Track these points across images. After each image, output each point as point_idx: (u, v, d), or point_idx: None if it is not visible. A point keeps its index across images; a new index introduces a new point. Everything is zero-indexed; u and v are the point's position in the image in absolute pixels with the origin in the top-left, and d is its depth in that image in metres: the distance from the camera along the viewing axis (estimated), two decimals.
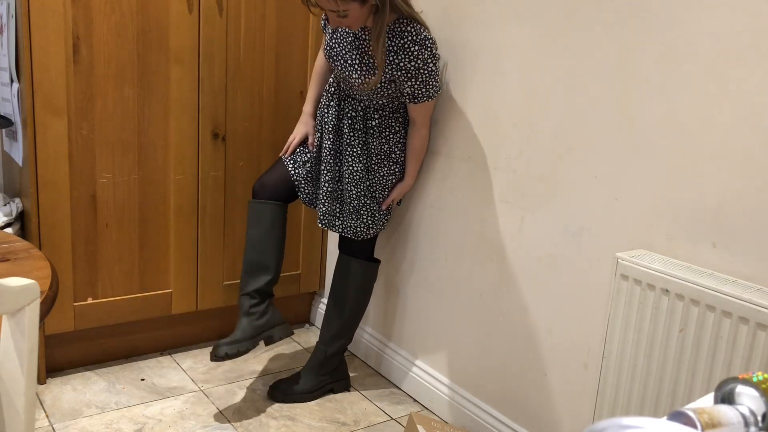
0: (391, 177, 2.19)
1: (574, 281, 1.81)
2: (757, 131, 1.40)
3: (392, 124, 2.14)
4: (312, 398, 2.32)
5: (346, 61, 2.05)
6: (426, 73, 2.00)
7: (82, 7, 2.11)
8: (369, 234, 2.21)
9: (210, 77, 2.36)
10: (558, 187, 1.83)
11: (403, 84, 2.01)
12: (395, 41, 1.96)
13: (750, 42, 1.40)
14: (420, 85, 2.01)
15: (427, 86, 2.02)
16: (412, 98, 2.05)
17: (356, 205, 2.16)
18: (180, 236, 2.42)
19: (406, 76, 1.99)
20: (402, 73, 1.99)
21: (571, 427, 1.86)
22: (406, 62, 1.97)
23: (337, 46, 2.07)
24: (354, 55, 2.03)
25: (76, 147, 2.19)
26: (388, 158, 2.16)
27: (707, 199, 1.50)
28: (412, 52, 1.96)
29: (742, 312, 1.33)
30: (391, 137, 2.15)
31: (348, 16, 1.89)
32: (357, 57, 2.03)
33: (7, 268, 1.24)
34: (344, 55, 2.05)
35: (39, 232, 2.16)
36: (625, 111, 1.65)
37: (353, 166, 2.14)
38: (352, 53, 2.04)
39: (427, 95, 2.04)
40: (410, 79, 2.00)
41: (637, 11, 1.60)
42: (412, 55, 1.96)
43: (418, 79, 2.00)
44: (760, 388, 0.67)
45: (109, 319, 2.35)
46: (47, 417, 2.09)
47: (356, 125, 2.12)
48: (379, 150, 2.15)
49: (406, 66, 1.98)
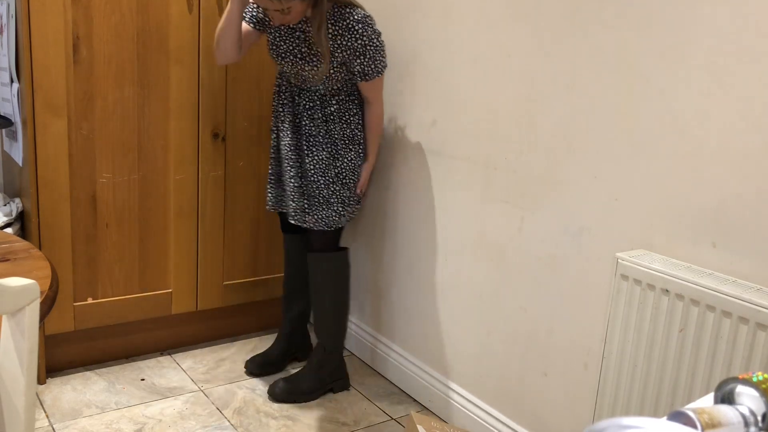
0: (358, 160, 2.23)
1: (574, 281, 1.81)
2: (757, 131, 1.40)
3: (350, 107, 2.20)
4: (312, 398, 2.32)
5: (295, 56, 2.10)
6: (373, 48, 2.10)
7: (82, 7, 2.11)
8: (341, 222, 2.23)
9: (210, 77, 2.36)
10: (558, 187, 1.83)
11: (353, 63, 2.10)
12: (339, 24, 2.05)
13: (750, 42, 1.40)
14: (369, 61, 2.11)
15: (376, 62, 2.12)
16: (363, 76, 2.14)
17: (326, 194, 2.19)
18: (180, 236, 2.42)
19: (354, 54, 2.08)
20: (350, 53, 2.08)
21: (571, 427, 1.86)
22: (353, 41, 2.06)
23: (283, 44, 2.12)
24: (302, 48, 2.09)
25: (76, 147, 2.19)
26: (352, 141, 2.21)
27: (707, 199, 1.50)
28: (357, 30, 2.06)
29: (742, 312, 1.33)
30: (351, 120, 2.20)
31: (290, 12, 1.98)
32: (305, 49, 2.09)
33: (7, 268, 1.24)
34: (292, 51, 2.11)
35: (39, 232, 2.16)
36: (625, 111, 1.65)
37: (318, 155, 2.18)
38: (300, 47, 2.10)
39: (377, 71, 2.14)
40: (359, 57, 2.09)
41: (637, 11, 1.60)
42: (357, 34, 2.06)
43: (366, 56, 2.10)
44: (760, 388, 0.67)
45: (109, 319, 2.35)
46: (47, 417, 2.09)
47: (315, 114, 2.17)
48: (342, 135, 2.19)
49: (353, 45, 2.07)
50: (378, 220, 2.51)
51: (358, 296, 2.67)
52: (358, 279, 2.65)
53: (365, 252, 2.60)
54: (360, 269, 2.64)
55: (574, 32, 1.75)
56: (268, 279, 2.67)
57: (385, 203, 2.46)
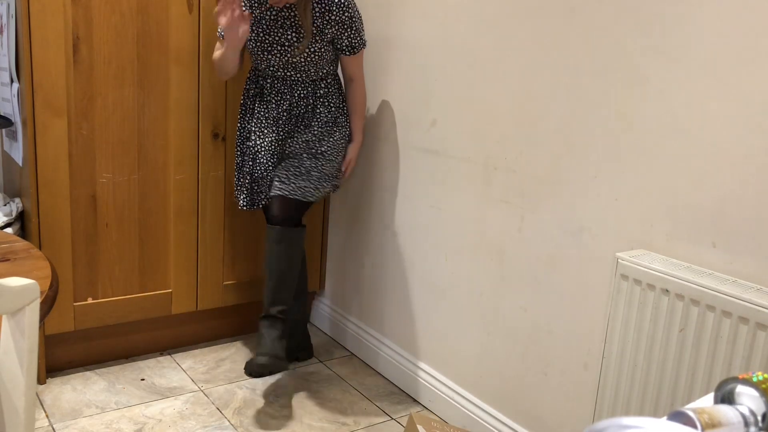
0: (342, 141, 2.30)
1: (574, 281, 1.81)
2: (757, 131, 1.40)
3: (334, 91, 2.28)
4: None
5: (283, 44, 2.16)
6: (358, 20, 2.21)
7: (82, 7, 2.11)
8: (314, 196, 2.22)
9: (210, 77, 2.36)
10: (558, 187, 1.83)
11: (341, 38, 2.20)
12: (324, 1, 2.13)
13: (750, 42, 1.40)
14: (355, 33, 2.21)
15: (360, 33, 2.23)
16: (351, 49, 2.23)
17: (307, 165, 2.22)
18: (180, 236, 2.42)
19: (343, 27, 2.18)
20: (339, 26, 2.17)
21: (571, 427, 1.86)
22: (340, 14, 2.15)
23: (268, 37, 2.16)
24: (288, 35, 2.16)
25: (76, 147, 2.19)
26: (335, 124, 2.26)
27: (707, 199, 1.50)
28: (343, 3, 2.15)
29: (742, 312, 1.33)
30: (333, 103, 2.27)
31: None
32: (292, 35, 2.15)
33: (7, 268, 1.24)
34: (279, 40, 2.16)
35: (39, 232, 2.16)
36: (625, 111, 1.65)
37: (303, 137, 2.23)
38: (286, 34, 2.15)
39: (362, 43, 2.25)
40: (347, 30, 2.19)
41: (637, 11, 1.60)
42: (343, 7, 2.15)
43: (352, 27, 2.20)
44: (760, 388, 0.67)
45: (109, 319, 2.35)
46: (47, 417, 2.09)
47: (308, 100, 2.23)
48: (327, 118, 2.24)
49: (341, 18, 2.16)
50: (378, 220, 2.51)
51: (358, 296, 2.67)
52: (359, 279, 2.65)
53: (365, 252, 2.60)
54: (360, 269, 2.64)
55: (573, 32, 1.75)
56: None
57: (384, 203, 2.46)
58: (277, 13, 2.15)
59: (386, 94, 2.40)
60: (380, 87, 2.44)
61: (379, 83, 2.44)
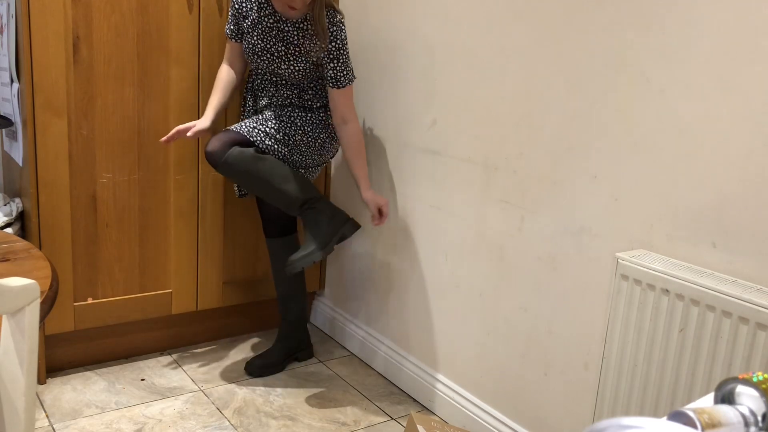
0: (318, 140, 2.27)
1: (574, 281, 1.81)
2: (757, 131, 1.40)
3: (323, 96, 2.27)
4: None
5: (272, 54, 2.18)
6: (345, 54, 2.17)
7: (82, 7, 2.11)
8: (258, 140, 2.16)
9: (210, 77, 2.36)
10: (558, 187, 1.83)
11: (327, 68, 2.17)
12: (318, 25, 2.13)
13: (750, 42, 1.40)
14: (341, 66, 2.17)
15: (347, 67, 2.19)
16: (335, 82, 2.19)
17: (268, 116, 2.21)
18: (180, 236, 2.42)
19: (329, 57, 2.16)
20: (325, 55, 2.16)
21: (571, 427, 1.86)
22: (327, 43, 2.14)
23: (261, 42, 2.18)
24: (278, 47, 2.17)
25: (76, 147, 2.19)
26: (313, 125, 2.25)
27: (707, 199, 1.50)
28: (332, 32, 2.13)
29: (742, 312, 1.33)
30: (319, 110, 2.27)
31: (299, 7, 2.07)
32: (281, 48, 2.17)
33: (7, 268, 1.24)
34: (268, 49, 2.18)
35: (39, 232, 2.16)
36: (625, 111, 1.65)
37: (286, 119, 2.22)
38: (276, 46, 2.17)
39: (348, 78, 2.19)
40: (332, 60, 2.16)
41: (637, 11, 1.60)
42: (332, 35, 2.14)
43: (339, 59, 2.16)
44: (760, 388, 0.67)
45: (109, 319, 2.35)
46: (47, 417, 2.09)
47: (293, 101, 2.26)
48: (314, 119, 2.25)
49: (329, 47, 2.15)
50: None
51: (358, 297, 2.67)
52: (359, 279, 2.65)
53: (365, 252, 2.60)
54: (360, 269, 2.64)
55: (574, 32, 1.75)
56: (268, 279, 2.66)
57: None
58: (273, 23, 2.16)
59: (386, 94, 2.40)
60: (380, 87, 2.44)
61: (379, 83, 2.44)
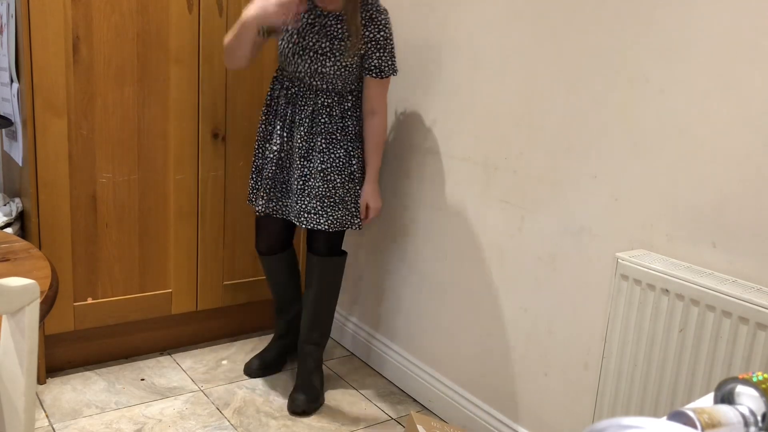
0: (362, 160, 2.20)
1: (574, 281, 1.81)
2: (757, 131, 1.40)
3: (359, 105, 2.17)
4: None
5: (316, 52, 2.06)
6: (391, 43, 2.10)
7: (82, 7, 2.11)
8: (354, 223, 2.18)
9: (210, 77, 2.36)
10: (558, 187, 1.83)
11: (372, 57, 2.08)
12: (362, 15, 2.03)
13: (750, 42, 1.40)
14: (387, 56, 2.09)
15: (392, 58, 2.11)
16: (379, 72, 2.10)
17: (341, 193, 2.13)
18: (180, 236, 2.42)
19: (375, 47, 2.07)
20: (372, 44, 2.07)
21: (571, 427, 1.86)
22: (376, 32, 2.06)
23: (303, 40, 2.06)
24: (322, 43, 2.06)
25: (76, 147, 2.19)
26: (359, 139, 2.17)
27: (707, 199, 1.50)
28: (380, 21, 2.06)
29: (742, 312, 1.33)
30: (360, 118, 2.18)
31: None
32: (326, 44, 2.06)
33: (7, 268, 1.24)
34: (312, 47, 2.06)
35: (39, 232, 2.16)
36: (625, 111, 1.65)
37: (335, 153, 2.11)
38: (320, 42, 2.05)
39: (392, 68, 2.11)
40: (379, 50, 2.08)
41: (637, 11, 1.60)
42: (381, 25, 2.06)
43: (386, 49, 2.08)
44: (760, 388, 0.67)
45: (109, 319, 2.35)
46: (47, 417, 2.09)
47: (333, 111, 2.11)
48: (355, 132, 2.15)
49: (376, 37, 2.06)
50: (377, 220, 2.51)
51: (358, 296, 2.67)
52: (359, 279, 2.65)
53: (365, 252, 2.60)
54: (360, 269, 2.64)
55: (574, 32, 1.75)
56: None
57: (384, 203, 2.46)
58: (314, 18, 2.06)
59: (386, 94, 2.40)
60: None
61: None
